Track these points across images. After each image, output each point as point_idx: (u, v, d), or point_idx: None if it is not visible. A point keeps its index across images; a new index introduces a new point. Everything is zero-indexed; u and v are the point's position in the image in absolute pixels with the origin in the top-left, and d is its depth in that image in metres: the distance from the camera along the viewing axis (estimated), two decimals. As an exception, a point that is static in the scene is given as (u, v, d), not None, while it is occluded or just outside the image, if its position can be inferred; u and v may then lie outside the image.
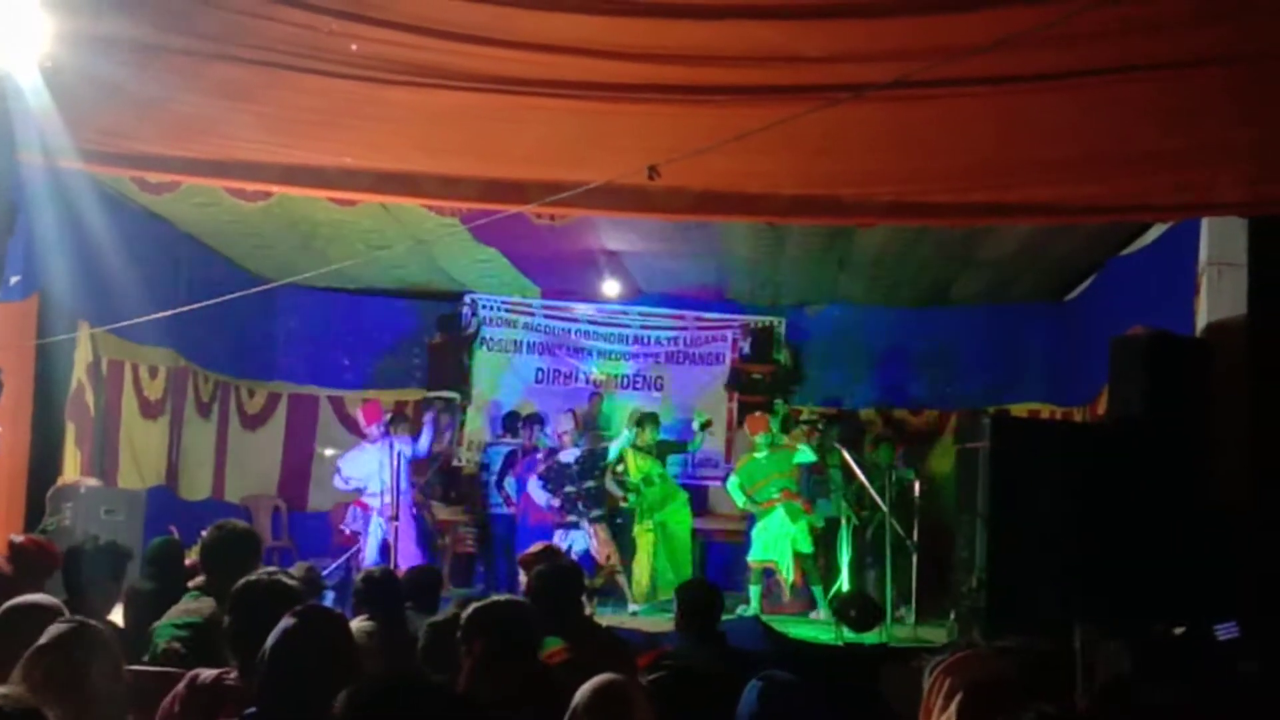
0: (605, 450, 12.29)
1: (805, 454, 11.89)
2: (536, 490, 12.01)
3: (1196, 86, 6.04)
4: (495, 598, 4.44)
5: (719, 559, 13.53)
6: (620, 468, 12.48)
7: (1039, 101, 6.28)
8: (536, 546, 7.22)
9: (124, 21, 5.75)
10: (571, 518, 11.88)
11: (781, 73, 6.01)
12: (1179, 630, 4.31)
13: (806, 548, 11.67)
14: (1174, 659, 6.43)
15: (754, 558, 11.89)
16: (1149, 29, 5.54)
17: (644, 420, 12.68)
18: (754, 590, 11.83)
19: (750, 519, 12.26)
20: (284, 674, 3.38)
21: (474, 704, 3.88)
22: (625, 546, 12.32)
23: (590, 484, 11.97)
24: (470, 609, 4.26)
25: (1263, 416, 7.95)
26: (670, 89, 6.16)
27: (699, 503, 13.85)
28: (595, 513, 11.92)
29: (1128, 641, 5.88)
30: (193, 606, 5.19)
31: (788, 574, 11.68)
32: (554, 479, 11.99)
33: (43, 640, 3.67)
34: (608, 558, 11.71)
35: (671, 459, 13.26)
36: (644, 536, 12.21)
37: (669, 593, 11.62)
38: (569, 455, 12.13)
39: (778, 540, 11.70)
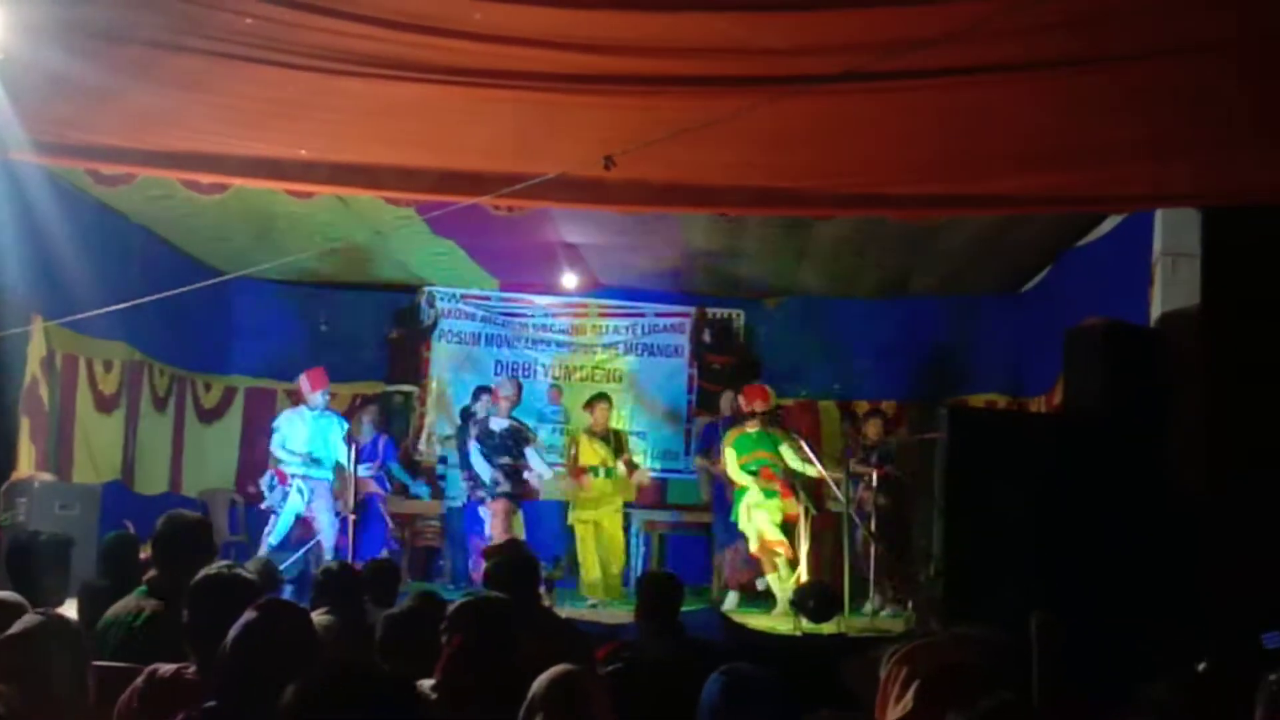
0: (529, 437, 12.19)
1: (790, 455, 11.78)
2: (479, 462, 11.81)
3: (1149, 78, 6.10)
4: (478, 593, 4.44)
5: (679, 552, 13.51)
6: (573, 450, 12.43)
7: (995, 94, 6.32)
8: (500, 539, 7.23)
9: (78, 12, 5.72)
10: (481, 493, 11.71)
11: (737, 64, 6.04)
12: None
13: (774, 534, 11.57)
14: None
15: (754, 546, 11.63)
16: (1101, 21, 5.59)
17: (593, 400, 12.63)
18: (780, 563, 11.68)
19: (720, 509, 12.23)
20: (246, 667, 3.37)
21: (449, 695, 3.89)
22: (563, 532, 12.33)
23: (506, 458, 11.78)
24: (454, 603, 4.26)
25: (1217, 405, 8.03)
26: (627, 80, 6.18)
27: (659, 495, 13.87)
28: (502, 489, 11.68)
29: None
30: (133, 604, 5.15)
31: (751, 545, 11.53)
32: (490, 447, 11.83)
33: (13, 630, 3.65)
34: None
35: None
36: (581, 528, 12.15)
37: (599, 593, 11.74)
38: (499, 424, 11.93)
39: (751, 514, 11.57)
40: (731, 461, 11.70)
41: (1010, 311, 13.44)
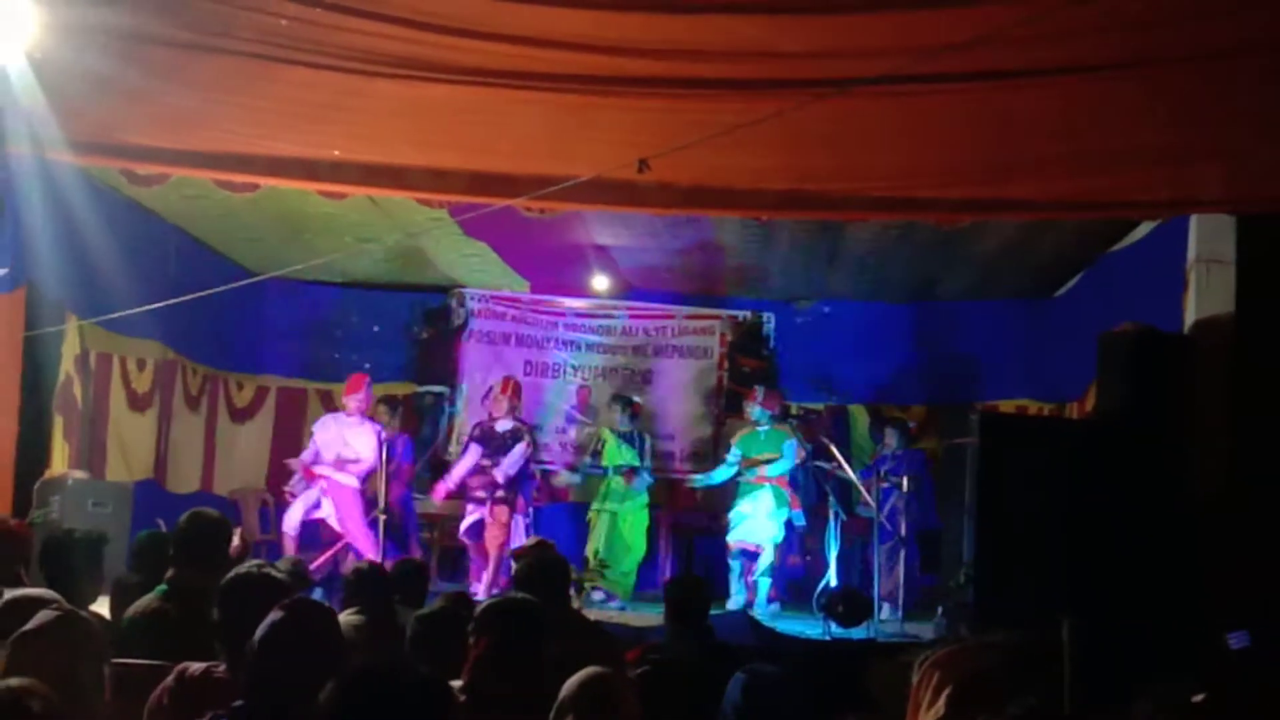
0: (536, 438, 12.20)
1: (786, 459, 11.82)
2: (474, 451, 11.76)
3: (1181, 83, 6.06)
4: (506, 595, 4.45)
5: (708, 555, 13.48)
6: (600, 446, 12.42)
7: (1027, 98, 6.30)
8: (530, 540, 7.23)
9: (113, 13, 5.76)
10: (481, 493, 11.60)
11: (769, 68, 6.03)
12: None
13: (779, 538, 11.62)
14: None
15: (734, 539, 11.79)
16: (1136, 26, 5.56)
17: (615, 401, 12.67)
18: (735, 566, 11.75)
19: (727, 502, 12.24)
20: (272, 666, 3.38)
21: (477, 697, 3.90)
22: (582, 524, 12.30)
23: (507, 461, 11.65)
24: (482, 605, 4.27)
25: (1248, 413, 7.97)
26: (658, 83, 6.18)
27: (689, 498, 13.86)
28: (502, 493, 11.56)
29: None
30: (151, 604, 5.18)
31: (767, 558, 11.56)
32: (489, 441, 11.75)
33: (29, 627, 3.66)
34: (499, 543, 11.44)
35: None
36: (597, 518, 12.13)
37: (598, 581, 11.58)
38: (503, 425, 11.85)
39: (760, 522, 11.62)
40: (732, 462, 11.90)
41: (1043, 316, 13.37)
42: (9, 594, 4.41)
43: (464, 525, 11.68)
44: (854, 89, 5.90)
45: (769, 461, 11.75)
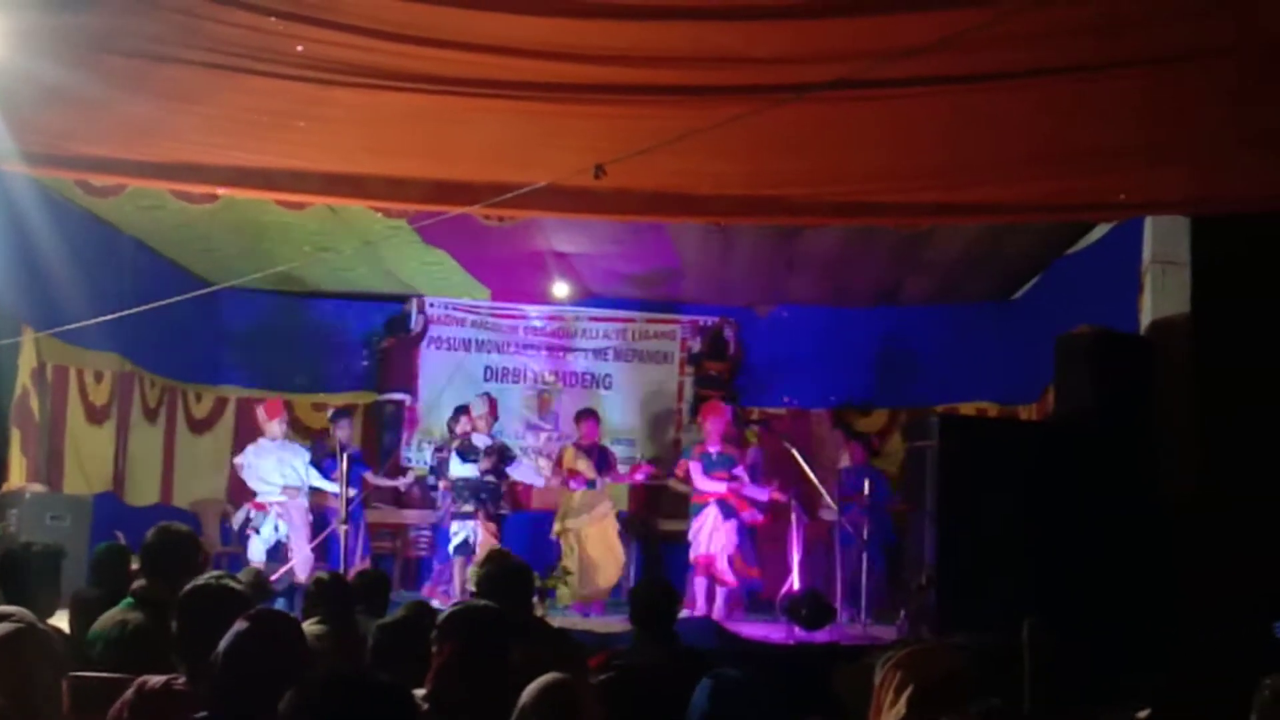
0: (512, 455, 12.24)
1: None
2: (456, 464, 11.85)
3: (1141, 87, 6.10)
4: (469, 602, 4.43)
5: (671, 560, 13.48)
6: (561, 462, 12.40)
7: (986, 102, 6.33)
8: (488, 551, 7.22)
9: (68, 21, 5.71)
10: (468, 508, 11.67)
11: (729, 74, 6.04)
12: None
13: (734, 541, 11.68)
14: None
15: (695, 553, 11.81)
16: (1094, 30, 5.60)
17: (582, 415, 12.63)
18: (701, 581, 11.78)
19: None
20: (238, 677, 3.36)
21: (440, 705, 3.88)
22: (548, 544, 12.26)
23: (491, 477, 11.80)
24: (445, 612, 4.25)
25: (1205, 412, 8.05)
26: (617, 89, 6.18)
27: (650, 503, 13.85)
28: (490, 509, 11.72)
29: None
30: (118, 616, 5.14)
31: (725, 569, 11.63)
32: (470, 453, 11.84)
33: None
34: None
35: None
36: (564, 537, 12.13)
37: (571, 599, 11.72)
38: (481, 440, 11.95)
39: (710, 535, 11.66)
40: (698, 475, 11.88)
41: (1001, 319, 13.45)
42: None
43: (453, 544, 11.66)
44: (817, 94, 5.91)
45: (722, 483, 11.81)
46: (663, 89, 6.18)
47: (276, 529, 11.36)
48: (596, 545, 12.10)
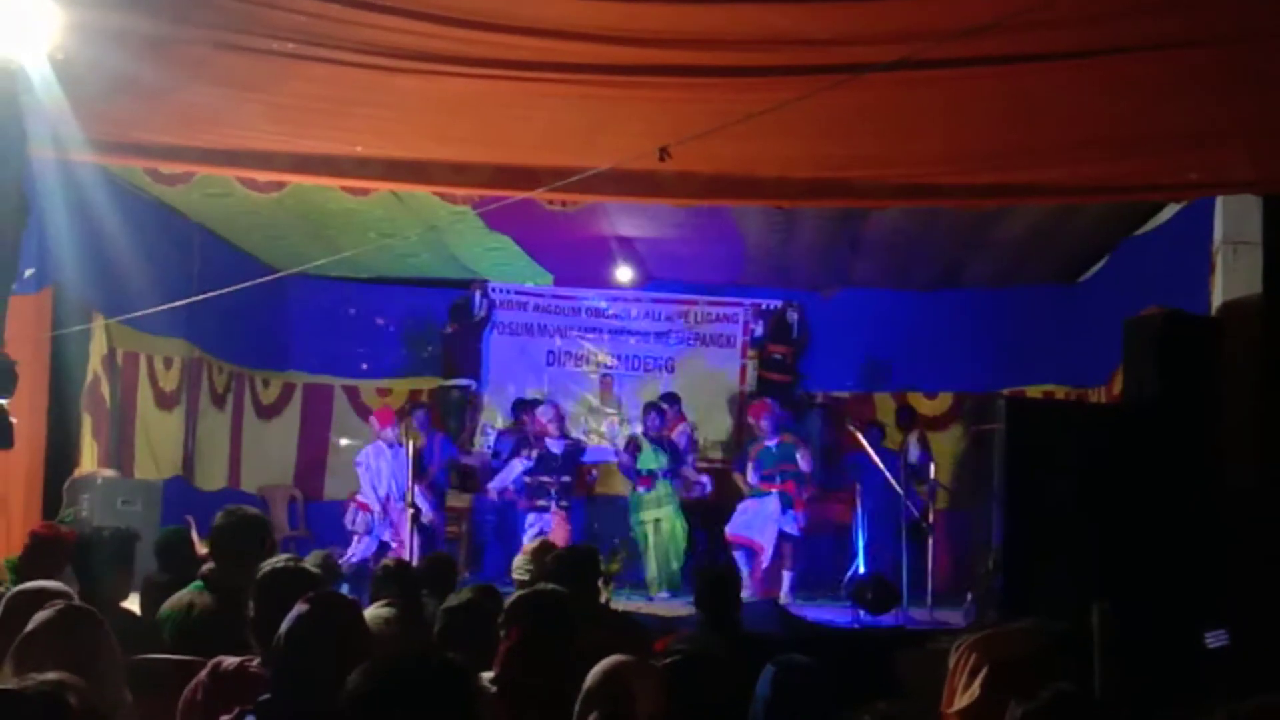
0: (584, 448, 12.65)
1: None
2: (516, 468, 12.31)
3: (1207, 64, 6.02)
4: (537, 587, 4.45)
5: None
6: (636, 449, 12.44)
7: (1049, 82, 6.26)
8: (535, 542, 7.30)
9: (134, 13, 5.76)
10: (542, 502, 12.05)
11: (789, 55, 6.01)
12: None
13: (793, 531, 11.73)
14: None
15: (734, 531, 11.87)
16: (1159, 7, 5.52)
17: (648, 409, 12.70)
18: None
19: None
20: (298, 659, 3.39)
21: (508, 688, 3.90)
22: (623, 533, 12.37)
23: (567, 477, 12.19)
24: (512, 596, 4.28)
25: (1277, 394, 7.93)
26: (679, 72, 6.16)
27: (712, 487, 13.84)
28: (564, 503, 12.11)
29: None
30: (186, 599, 5.20)
31: (768, 555, 11.68)
32: (540, 465, 12.23)
33: (33, 625, 3.68)
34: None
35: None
36: (642, 528, 12.19)
37: (658, 589, 11.94)
38: (557, 446, 12.28)
39: (764, 522, 11.72)
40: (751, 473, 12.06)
41: (1068, 302, 13.32)
42: (17, 587, 4.45)
43: (528, 535, 11.80)
44: (878, 75, 5.87)
45: (783, 475, 11.85)
46: (724, 71, 6.16)
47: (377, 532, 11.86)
48: (668, 533, 12.17)
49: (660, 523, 12.15)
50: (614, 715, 3.40)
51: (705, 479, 12.71)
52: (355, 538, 11.99)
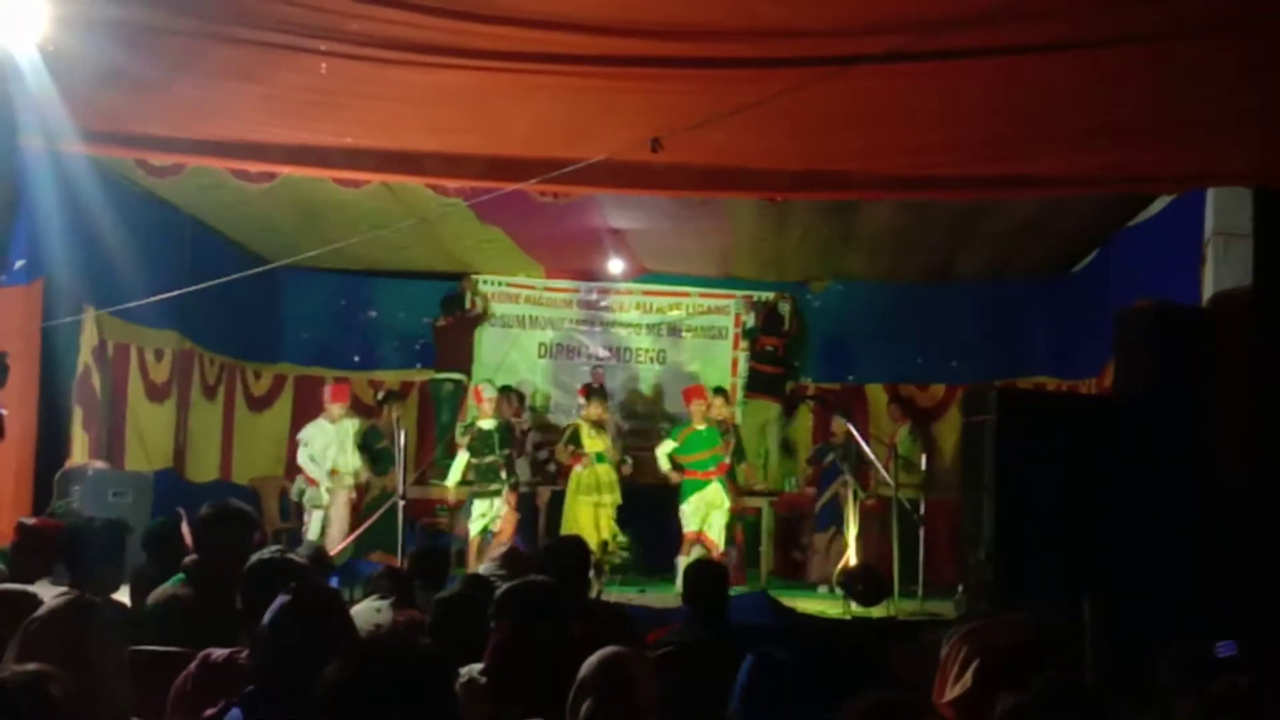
0: (512, 424, 12.46)
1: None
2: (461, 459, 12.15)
3: (1199, 56, 6.02)
4: (526, 579, 4.44)
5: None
6: (576, 439, 12.38)
7: (1043, 74, 6.26)
8: (502, 549, 7.29)
9: (124, 3, 5.75)
10: (494, 486, 11.86)
11: (782, 46, 6.00)
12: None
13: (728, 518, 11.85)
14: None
15: (689, 528, 11.84)
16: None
17: (590, 393, 12.70)
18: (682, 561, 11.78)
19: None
20: (281, 649, 3.38)
21: (499, 679, 3.90)
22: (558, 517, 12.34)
23: (506, 451, 11.99)
24: (502, 589, 4.27)
25: (1267, 386, 7.94)
26: (671, 63, 6.15)
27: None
28: (510, 480, 11.92)
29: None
30: (170, 591, 5.20)
31: (720, 543, 11.71)
32: (475, 448, 12.03)
33: (39, 614, 3.67)
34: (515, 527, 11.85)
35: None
36: (583, 511, 12.09)
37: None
38: (488, 424, 12.09)
39: (710, 511, 11.75)
40: (664, 459, 12.12)
41: (1059, 294, 13.35)
42: None
43: (474, 527, 11.86)
44: (871, 66, 5.87)
45: (715, 459, 11.88)
46: (717, 62, 6.15)
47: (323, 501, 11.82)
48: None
49: (599, 508, 12.09)
50: (608, 704, 3.40)
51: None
52: (306, 512, 11.97)
